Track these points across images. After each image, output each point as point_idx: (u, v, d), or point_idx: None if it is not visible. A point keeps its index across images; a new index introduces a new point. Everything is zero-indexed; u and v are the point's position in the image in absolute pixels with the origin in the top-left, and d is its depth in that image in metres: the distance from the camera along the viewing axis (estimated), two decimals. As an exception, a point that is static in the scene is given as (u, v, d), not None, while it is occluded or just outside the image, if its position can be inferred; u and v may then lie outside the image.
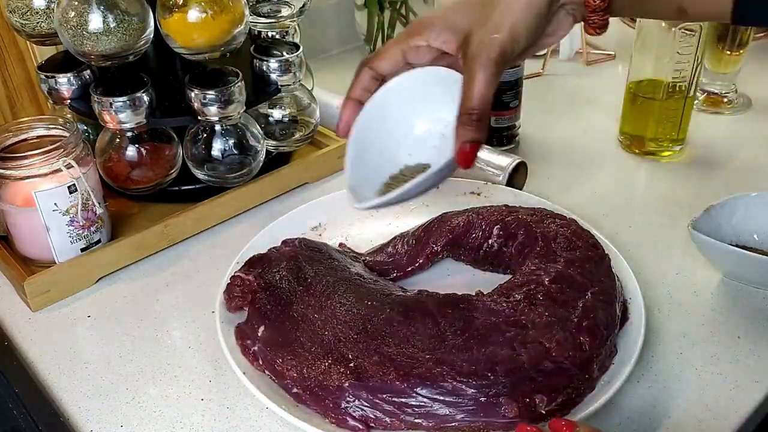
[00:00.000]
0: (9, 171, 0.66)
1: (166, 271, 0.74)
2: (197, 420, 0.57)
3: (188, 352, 0.64)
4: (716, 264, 0.69)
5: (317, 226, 0.76)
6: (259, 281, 0.63)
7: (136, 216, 0.78)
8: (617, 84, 1.00)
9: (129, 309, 0.69)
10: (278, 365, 0.56)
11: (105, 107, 0.71)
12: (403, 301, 0.60)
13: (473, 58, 0.51)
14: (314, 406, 0.54)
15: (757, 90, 1.02)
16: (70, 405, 0.59)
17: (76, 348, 0.65)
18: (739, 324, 0.64)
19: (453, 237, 0.70)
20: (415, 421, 0.52)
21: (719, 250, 0.65)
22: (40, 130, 0.71)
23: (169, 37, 0.72)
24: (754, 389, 0.58)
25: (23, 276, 0.68)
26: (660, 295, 0.67)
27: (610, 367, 0.56)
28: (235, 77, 0.74)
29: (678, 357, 0.61)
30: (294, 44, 0.82)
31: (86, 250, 0.71)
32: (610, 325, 0.57)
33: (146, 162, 0.75)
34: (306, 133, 0.85)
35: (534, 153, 0.91)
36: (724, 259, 0.67)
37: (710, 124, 0.96)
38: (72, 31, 0.68)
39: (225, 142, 0.76)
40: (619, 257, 0.66)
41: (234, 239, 0.77)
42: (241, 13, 0.73)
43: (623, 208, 0.81)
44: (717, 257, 0.67)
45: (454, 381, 0.52)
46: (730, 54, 0.97)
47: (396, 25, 1.13)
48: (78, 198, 0.68)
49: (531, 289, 0.59)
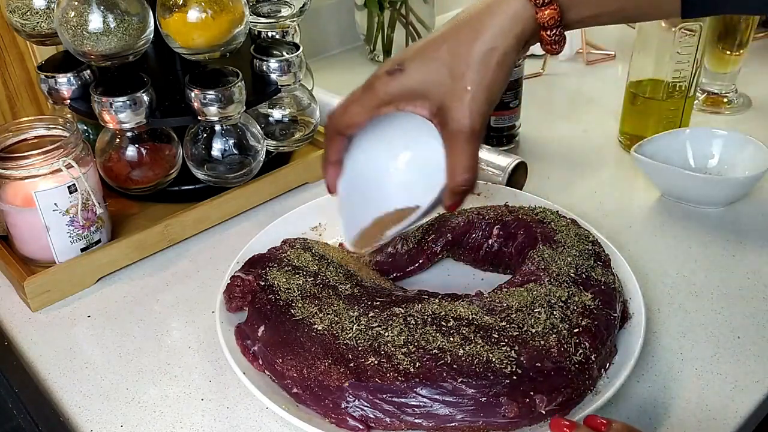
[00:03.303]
0: (9, 171, 0.66)
1: (166, 271, 0.74)
2: (197, 420, 0.57)
3: (188, 352, 0.64)
4: (656, 183, 0.81)
5: (317, 226, 0.76)
6: (259, 281, 0.63)
7: (136, 216, 0.78)
8: (617, 84, 1.00)
9: (129, 309, 0.69)
10: (278, 365, 0.56)
11: (105, 107, 0.71)
12: (403, 302, 0.60)
13: (455, 134, 0.51)
14: (314, 406, 0.54)
15: (756, 90, 1.02)
16: (70, 405, 0.59)
17: (76, 348, 0.65)
18: (739, 324, 0.64)
19: (453, 237, 0.70)
20: (415, 421, 0.52)
21: (656, 169, 0.79)
22: (40, 130, 0.71)
23: (169, 37, 0.72)
24: (754, 389, 0.58)
25: (23, 276, 0.68)
26: (660, 295, 0.67)
27: (610, 367, 0.56)
28: (235, 77, 0.74)
29: (678, 357, 0.61)
30: (294, 44, 0.82)
31: (86, 250, 0.71)
32: (610, 325, 0.57)
33: (146, 162, 0.75)
34: (306, 133, 0.85)
35: (534, 153, 0.91)
36: (661, 177, 0.80)
37: (710, 124, 0.96)
38: (72, 31, 0.68)
39: (225, 142, 0.76)
40: (619, 257, 0.66)
41: (234, 239, 0.77)
42: (241, 13, 0.73)
43: (623, 208, 0.81)
44: (655, 176, 0.80)
45: (454, 381, 0.52)
46: (730, 54, 0.97)
47: (396, 25, 1.13)
48: (78, 198, 0.68)
49: (531, 288, 0.59)
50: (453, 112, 0.51)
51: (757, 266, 0.71)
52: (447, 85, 0.51)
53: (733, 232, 0.76)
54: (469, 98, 0.50)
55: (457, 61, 0.51)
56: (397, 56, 0.54)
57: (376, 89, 0.54)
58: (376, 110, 0.54)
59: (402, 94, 0.53)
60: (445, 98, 0.51)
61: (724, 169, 0.82)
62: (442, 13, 1.31)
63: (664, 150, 0.82)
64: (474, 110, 0.51)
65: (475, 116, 0.51)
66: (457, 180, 0.52)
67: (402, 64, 0.53)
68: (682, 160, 0.83)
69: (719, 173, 0.82)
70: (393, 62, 0.53)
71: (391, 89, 0.53)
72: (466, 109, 0.51)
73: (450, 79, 0.51)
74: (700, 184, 0.77)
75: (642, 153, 0.80)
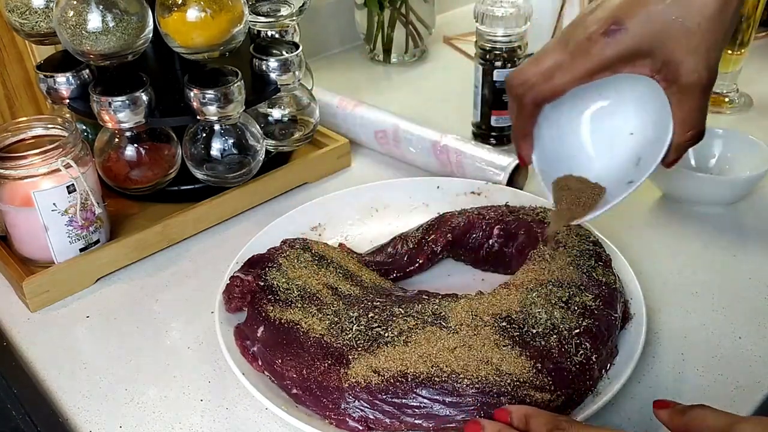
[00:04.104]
0: (7, 171, 0.65)
1: (165, 271, 0.73)
2: (196, 420, 0.57)
3: (187, 352, 0.64)
4: (656, 183, 0.80)
5: (317, 226, 0.76)
6: (258, 281, 0.63)
7: (135, 216, 0.78)
8: (618, 83, 1.00)
9: (128, 309, 0.69)
10: (278, 366, 0.56)
11: (104, 107, 0.70)
12: (403, 302, 0.60)
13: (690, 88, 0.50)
14: (314, 407, 0.54)
15: (758, 89, 1.02)
16: (69, 405, 0.59)
17: (75, 348, 0.65)
18: (740, 324, 0.64)
19: (453, 237, 0.69)
20: (415, 421, 0.52)
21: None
22: (38, 130, 0.70)
23: (168, 36, 0.72)
24: (755, 389, 0.58)
25: (22, 276, 0.68)
26: (661, 295, 0.67)
27: (611, 368, 0.56)
28: (234, 77, 0.73)
29: (679, 357, 0.61)
30: (293, 43, 0.82)
31: (85, 250, 0.71)
32: (611, 325, 0.57)
33: (145, 162, 0.75)
34: (306, 132, 0.85)
35: (534, 152, 0.91)
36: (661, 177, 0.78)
37: (711, 123, 0.95)
38: (71, 30, 0.68)
39: (224, 141, 0.76)
40: (619, 257, 0.66)
41: (234, 239, 0.76)
42: (240, 13, 0.73)
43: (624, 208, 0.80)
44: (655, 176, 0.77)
45: (454, 381, 0.52)
46: (731, 53, 0.96)
47: (396, 25, 1.13)
48: (77, 198, 0.68)
49: (531, 289, 0.59)
50: (687, 65, 0.49)
51: (758, 266, 0.71)
52: (680, 38, 0.49)
53: (734, 232, 0.75)
54: (707, 49, 0.49)
55: (692, 11, 0.48)
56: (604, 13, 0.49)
57: (591, 53, 0.50)
58: (588, 77, 0.51)
59: (622, 56, 0.50)
60: (676, 52, 0.49)
61: (725, 169, 0.82)
62: (441, 12, 1.31)
63: None
64: (711, 61, 0.49)
65: (712, 67, 0.50)
66: (688, 134, 0.51)
67: (620, 22, 0.49)
68: (683, 160, 0.82)
69: (720, 173, 0.82)
70: (605, 21, 0.49)
71: (609, 52, 0.49)
72: (703, 61, 0.49)
73: (684, 32, 0.49)
74: (701, 183, 0.77)
75: None
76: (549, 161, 0.57)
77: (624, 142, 0.57)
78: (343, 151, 0.88)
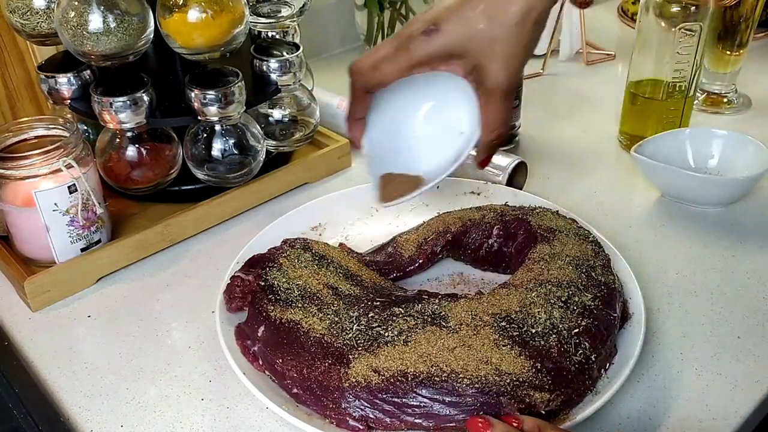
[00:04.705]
0: (9, 171, 0.66)
1: (166, 271, 0.74)
2: (197, 420, 0.57)
3: (188, 352, 0.64)
4: (655, 183, 0.81)
5: (317, 226, 0.76)
6: (259, 281, 0.63)
7: (136, 216, 0.78)
8: (617, 84, 1.00)
9: (129, 309, 0.69)
10: (278, 365, 0.56)
11: (105, 107, 0.71)
12: (403, 302, 0.60)
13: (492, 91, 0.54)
14: (314, 407, 0.54)
15: (756, 90, 1.02)
16: (70, 405, 0.59)
17: (76, 348, 0.65)
18: (739, 324, 0.64)
19: (453, 237, 0.70)
20: (415, 421, 0.52)
21: (656, 169, 0.79)
22: (40, 130, 0.70)
23: (169, 37, 0.72)
24: (754, 389, 0.58)
25: (23, 276, 0.68)
26: (660, 295, 0.67)
27: (610, 367, 0.56)
28: (235, 77, 0.74)
29: (678, 357, 0.61)
30: (294, 44, 0.82)
31: (86, 250, 0.71)
32: (610, 325, 0.57)
33: (146, 162, 0.75)
34: (306, 133, 0.85)
35: (534, 153, 0.91)
36: (661, 178, 0.80)
37: (710, 124, 0.96)
38: (72, 31, 0.68)
39: (225, 142, 0.76)
40: (619, 257, 0.66)
41: (234, 239, 0.77)
42: (241, 13, 0.73)
43: (623, 208, 0.81)
44: (655, 176, 0.80)
45: (454, 381, 0.52)
46: (729, 54, 0.97)
47: (396, 25, 1.13)
48: (78, 198, 0.68)
49: (531, 289, 0.59)
50: (490, 70, 0.53)
51: (757, 266, 0.71)
52: (485, 44, 0.52)
53: (733, 232, 0.76)
54: (508, 57, 0.52)
55: (496, 21, 0.52)
56: (429, 15, 0.54)
57: (410, 50, 0.54)
58: (408, 71, 0.55)
59: (437, 55, 0.54)
60: (482, 57, 0.53)
61: (724, 169, 0.82)
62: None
63: (664, 150, 0.82)
64: (512, 68, 0.53)
65: (512, 74, 0.53)
66: (491, 134, 0.55)
67: (437, 24, 0.53)
68: (682, 160, 0.83)
69: (719, 173, 0.82)
70: (427, 21, 0.54)
71: (426, 50, 0.54)
72: (504, 67, 0.52)
73: (488, 39, 0.52)
74: (700, 184, 0.77)
75: (642, 153, 0.80)
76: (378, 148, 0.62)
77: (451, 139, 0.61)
78: (344, 151, 0.88)
